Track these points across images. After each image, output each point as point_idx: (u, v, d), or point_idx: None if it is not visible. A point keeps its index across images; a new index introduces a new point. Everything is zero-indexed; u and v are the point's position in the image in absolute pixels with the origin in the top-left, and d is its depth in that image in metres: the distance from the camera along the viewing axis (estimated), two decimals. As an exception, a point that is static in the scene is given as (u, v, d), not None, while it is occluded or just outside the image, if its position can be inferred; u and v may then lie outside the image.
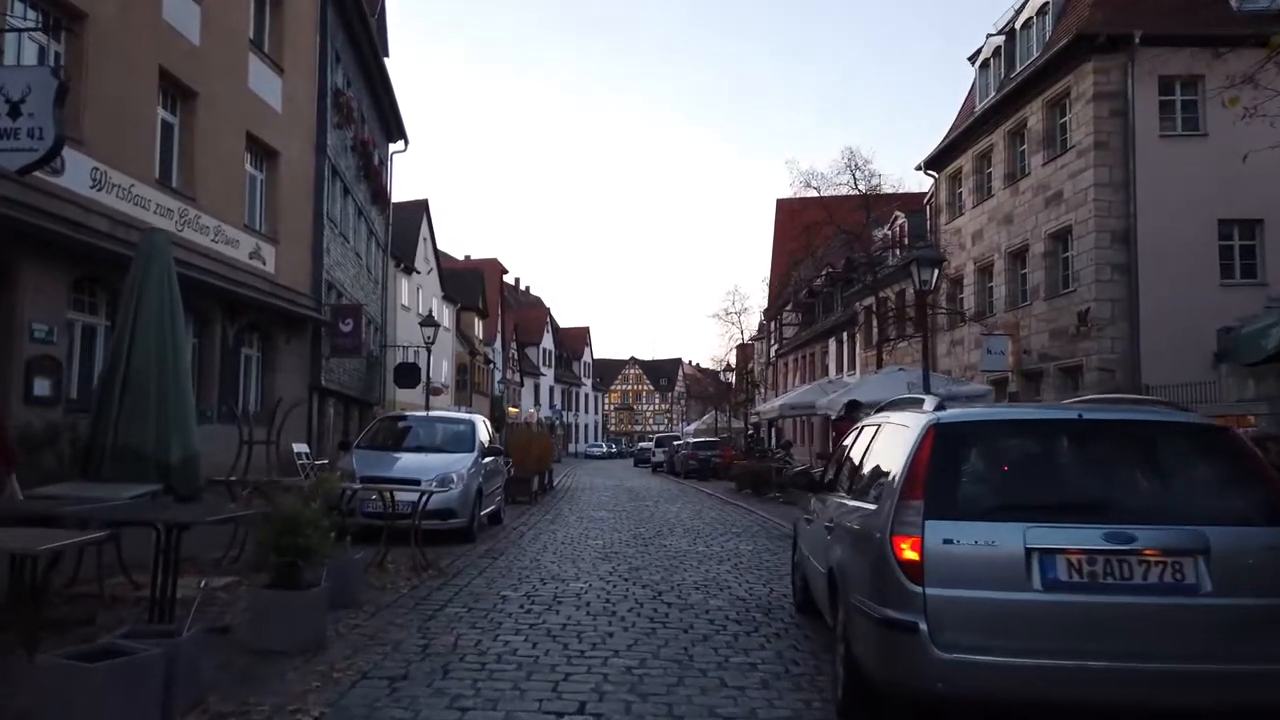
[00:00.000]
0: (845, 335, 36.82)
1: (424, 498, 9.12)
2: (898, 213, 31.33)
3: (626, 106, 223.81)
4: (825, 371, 39.54)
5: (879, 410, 6.11)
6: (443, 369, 41.61)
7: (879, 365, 23.60)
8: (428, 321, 22.47)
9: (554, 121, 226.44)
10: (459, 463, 11.72)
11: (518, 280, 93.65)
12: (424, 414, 14.31)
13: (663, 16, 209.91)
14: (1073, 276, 19.70)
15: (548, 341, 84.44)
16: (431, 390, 36.95)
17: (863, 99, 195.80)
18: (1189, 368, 15.59)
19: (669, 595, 8.08)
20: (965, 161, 25.22)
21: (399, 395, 33.57)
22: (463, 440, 12.78)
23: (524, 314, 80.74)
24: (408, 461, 11.83)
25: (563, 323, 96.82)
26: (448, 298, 42.54)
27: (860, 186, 23.92)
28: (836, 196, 26.86)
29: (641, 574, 9.30)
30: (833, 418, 19.26)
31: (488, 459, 12.81)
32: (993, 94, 23.44)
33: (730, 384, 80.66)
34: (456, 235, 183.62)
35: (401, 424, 14.06)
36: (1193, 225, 18.16)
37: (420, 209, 38.27)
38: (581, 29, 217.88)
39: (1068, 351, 19.51)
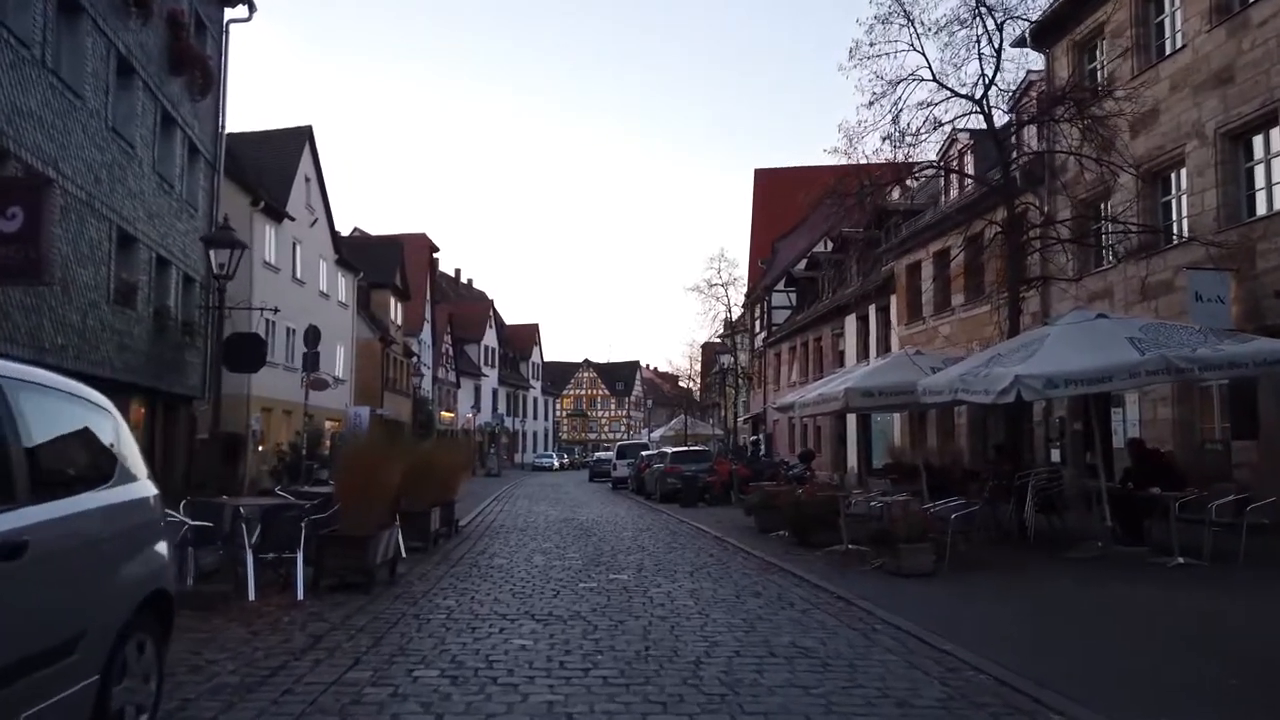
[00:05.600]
0: (873, 308, 27.74)
1: None
2: (957, 133, 22.00)
3: (578, 99, 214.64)
4: (840, 360, 30.43)
5: None
6: (337, 356, 31.64)
7: (1015, 323, 14.36)
8: (218, 239, 12.31)
9: (501, 114, 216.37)
10: None
11: (458, 271, 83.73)
12: None
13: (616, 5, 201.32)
14: None
15: (491, 339, 74.29)
16: (312, 383, 26.91)
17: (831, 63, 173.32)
18: None
19: None
20: (1111, 10, 16.28)
21: (254, 386, 23.67)
22: None
23: (464, 307, 70.61)
24: None
25: (509, 319, 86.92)
26: (344, 263, 32.56)
27: (989, 34, 14.45)
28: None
29: None
30: (992, 401, 10.32)
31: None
32: (1175, -113, 14.57)
33: (689, 389, 71.24)
34: (390, 222, 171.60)
35: None
36: None
37: (300, 138, 28.39)
38: (525, 16, 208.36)
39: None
